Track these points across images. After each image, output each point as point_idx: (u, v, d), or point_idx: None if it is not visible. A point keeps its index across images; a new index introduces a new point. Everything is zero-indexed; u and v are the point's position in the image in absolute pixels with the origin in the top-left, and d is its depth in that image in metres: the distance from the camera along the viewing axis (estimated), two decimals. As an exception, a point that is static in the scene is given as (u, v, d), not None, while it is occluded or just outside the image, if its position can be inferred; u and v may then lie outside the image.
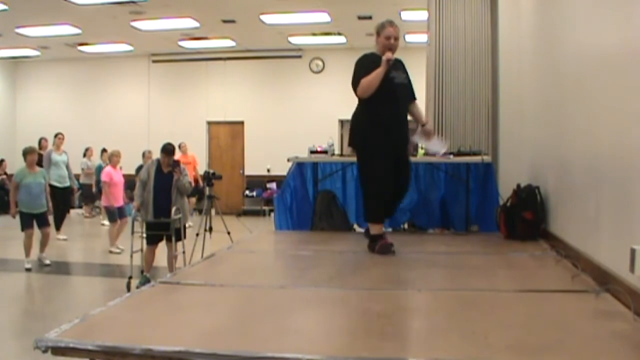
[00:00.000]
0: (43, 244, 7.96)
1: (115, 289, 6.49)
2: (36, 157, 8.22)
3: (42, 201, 7.94)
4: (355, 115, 4.32)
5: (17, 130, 15.69)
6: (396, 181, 4.26)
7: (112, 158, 9.19)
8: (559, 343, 2.21)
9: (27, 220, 7.74)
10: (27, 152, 8.03)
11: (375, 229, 4.25)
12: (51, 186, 10.13)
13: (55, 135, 10.59)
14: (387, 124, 4.19)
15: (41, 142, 12.07)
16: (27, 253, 7.70)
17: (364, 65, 4.19)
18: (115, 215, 8.95)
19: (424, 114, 5.25)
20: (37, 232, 7.86)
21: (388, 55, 4.07)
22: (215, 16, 11.38)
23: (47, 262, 7.93)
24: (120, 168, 9.43)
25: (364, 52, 4.35)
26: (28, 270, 7.53)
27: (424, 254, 4.40)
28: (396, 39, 4.17)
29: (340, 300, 3.07)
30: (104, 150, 13.09)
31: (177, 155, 11.83)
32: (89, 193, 13.16)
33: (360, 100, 4.22)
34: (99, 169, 12.92)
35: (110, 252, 8.84)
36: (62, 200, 10.30)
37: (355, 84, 4.17)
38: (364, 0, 10.04)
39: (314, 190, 6.02)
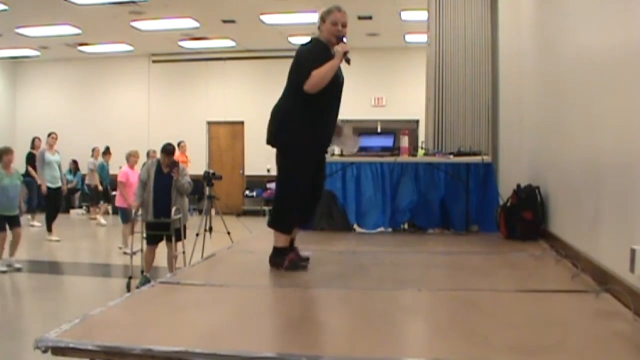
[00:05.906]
0: (14, 245, 7.64)
1: (115, 289, 6.49)
2: (13, 157, 7.83)
3: (17, 203, 7.72)
4: (284, 109, 3.68)
5: (17, 130, 15.65)
6: (315, 182, 3.80)
7: (130, 158, 8.98)
8: (559, 343, 2.21)
9: (1, 223, 7.48)
10: (3, 152, 7.66)
11: (282, 241, 3.68)
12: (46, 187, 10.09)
13: (49, 135, 10.39)
14: (325, 125, 3.73)
15: (34, 141, 11.95)
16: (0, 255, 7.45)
17: (313, 55, 3.59)
18: (130, 215, 8.84)
19: None
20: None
21: (346, 47, 3.57)
22: (215, 16, 11.37)
23: (18, 265, 7.59)
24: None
25: (310, 38, 3.74)
26: (2, 272, 7.29)
27: (424, 254, 4.40)
28: (344, 25, 3.63)
29: (341, 300, 3.07)
30: (106, 150, 13.03)
31: (176, 154, 11.93)
32: (94, 193, 13.07)
33: (297, 94, 3.59)
34: (102, 168, 12.91)
35: (121, 249, 8.66)
36: (54, 201, 10.15)
37: (303, 75, 3.52)
38: (364, 0, 10.03)
39: (314, 190, 6.01)
